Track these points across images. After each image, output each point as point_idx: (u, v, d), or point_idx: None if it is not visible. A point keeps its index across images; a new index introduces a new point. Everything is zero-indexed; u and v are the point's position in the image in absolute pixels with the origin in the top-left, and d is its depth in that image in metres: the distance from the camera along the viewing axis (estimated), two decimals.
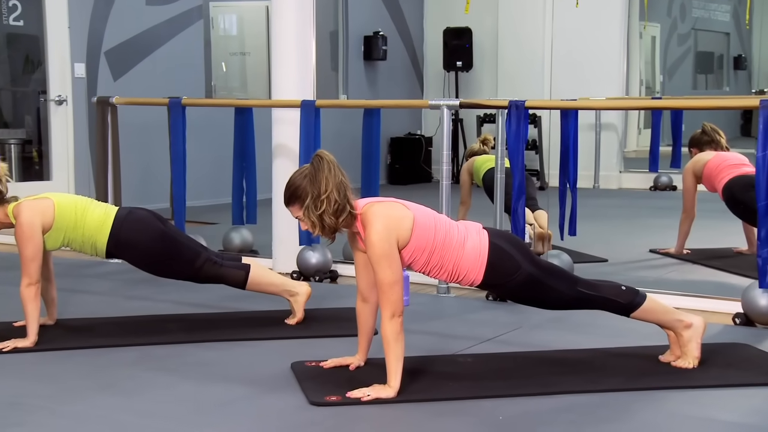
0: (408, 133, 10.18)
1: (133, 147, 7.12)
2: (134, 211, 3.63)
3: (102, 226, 3.54)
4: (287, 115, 5.04)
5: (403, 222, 2.86)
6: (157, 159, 7.18)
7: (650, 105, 6.87)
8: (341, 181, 2.86)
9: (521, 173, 4.31)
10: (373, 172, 4.84)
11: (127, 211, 3.60)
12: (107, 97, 5.51)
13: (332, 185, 2.83)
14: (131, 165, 6.97)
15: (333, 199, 2.83)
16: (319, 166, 2.86)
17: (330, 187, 2.83)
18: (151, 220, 3.60)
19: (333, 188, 2.83)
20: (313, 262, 4.83)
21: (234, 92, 9.09)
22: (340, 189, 2.85)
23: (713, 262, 5.16)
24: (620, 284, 3.12)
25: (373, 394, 2.80)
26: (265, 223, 5.26)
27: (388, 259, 2.80)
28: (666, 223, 6.09)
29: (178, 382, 3.03)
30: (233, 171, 5.30)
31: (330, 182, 2.84)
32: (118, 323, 3.83)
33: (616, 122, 9.39)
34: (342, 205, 2.84)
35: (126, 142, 6.05)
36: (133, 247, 3.56)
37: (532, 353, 3.38)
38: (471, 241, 2.94)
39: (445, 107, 4.47)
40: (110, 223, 3.54)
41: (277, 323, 3.81)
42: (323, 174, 2.85)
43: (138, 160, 7.36)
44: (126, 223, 3.55)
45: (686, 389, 2.95)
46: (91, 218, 3.54)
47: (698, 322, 3.14)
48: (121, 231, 3.54)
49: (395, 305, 2.80)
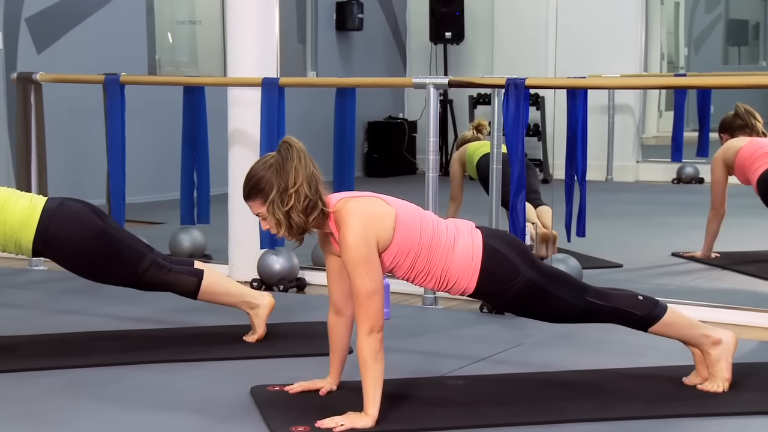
0: (388, 116, 10.18)
1: (62, 132, 7.08)
2: (66, 202, 3.60)
3: (27, 220, 3.52)
4: (246, 96, 5.03)
5: (384, 220, 2.87)
6: (91, 147, 7.15)
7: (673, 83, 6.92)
8: (312, 173, 2.87)
9: (521, 163, 4.33)
10: (348, 163, 4.84)
11: (58, 203, 3.57)
12: (30, 73, 5.48)
13: (302, 177, 2.84)
14: (59, 154, 6.94)
15: (303, 194, 2.83)
16: (287, 154, 2.87)
17: (300, 180, 2.84)
18: (87, 213, 3.58)
19: (303, 181, 2.84)
20: (276, 269, 4.83)
21: (182, 68, 9.06)
22: (311, 182, 2.85)
23: (746, 268, 5.20)
24: (637, 293, 3.14)
25: (347, 423, 2.80)
26: (220, 223, 5.25)
27: (367, 265, 2.80)
28: (691, 222, 6.13)
29: (115, 412, 3.02)
30: (182, 161, 5.29)
31: (300, 174, 2.84)
32: (43, 342, 3.81)
33: (633, 103, 9.44)
34: (313, 202, 2.85)
35: (53, 127, 6.02)
36: (64, 246, 3.55)
37: (534, 375, 3.40)
38: (462, 242, 2.95)
39: (432, 86, 4.47)
40: (37, 217, 3.52)
41: (234, 341, 3.80)
42: (292, 164, 2.85)
43: (68, 148, 7.33)
44: (56, 216, 3.53)
45: (714, 417, 2.97)
46: (13, 211, 3.52)
47: (728, 337, 3.16)
48: (50, 226, 3.51)
49: (374, 319, 2.81)
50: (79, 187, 7.03)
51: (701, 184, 8.84)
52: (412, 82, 4.59)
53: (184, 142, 5.27)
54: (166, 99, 6.78)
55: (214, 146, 5.33)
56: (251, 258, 4.97)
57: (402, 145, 9.96)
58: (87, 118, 7.20)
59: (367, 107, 9.48)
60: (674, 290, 4.73)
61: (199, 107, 5.23)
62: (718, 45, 13.08)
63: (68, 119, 7.21)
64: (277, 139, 4.76)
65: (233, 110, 5.12)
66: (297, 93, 7.21)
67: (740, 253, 5.54)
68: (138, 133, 7.31)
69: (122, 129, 5.19)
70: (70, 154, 7.38)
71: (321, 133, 6.04)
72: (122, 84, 5.17)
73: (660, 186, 9.10)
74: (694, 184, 8.96)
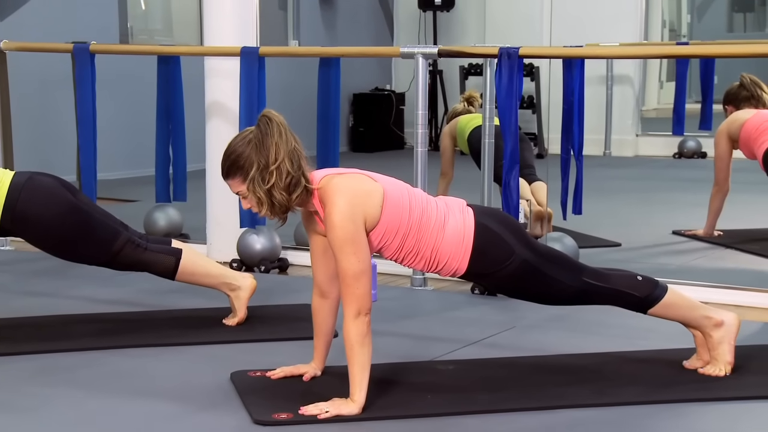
0: (375, 88, 10.18)
1: (29, 105, 7.06)
2: (35, 177, 3.59)
3: None
4: (224, 66, 5.03)
5: (371, 197, 2.88)
6: (60, 120, 7.14)
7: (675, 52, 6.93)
8: (294, 148, 2.87)
9: (514, 137, 4.34)
10: (332, 137, 4.85)
11: (27, 177, 3.57)
12: None
13: (284, 153, 2.85)
14: (26, 128, 6.92)
15: (285, 171, 2.84)
16: (266, 129, 2.87)
17: (281, 156, 2.84)
18: (58, 188, 3.58)
19: (285, 157, 2.85)
20: (257, 249, 4.84)
21: (156, 36, 9.03)
22: (293, 158, 2.86)
23: (750, 246, 5.23)
24: (635, 273, 3.16)
25: (332, 410, 2.82)
26: (198, 201, 5.25)
27: (354, 244, 2.82)
28: (693, 199, 6.16)
29: (87, 399, 3.03)
30: (157, 136, 5.28)
31: (281, 149, 2.85)
32: (11, 326, 3.81)
33: (632, 74, 9.45)
34: (296, 179, 2.86)
35: (19, 99, 6.00)
36: (34, 223, 3.54)
37: (528, 359, 3.42)
38: (453, 221, 2.96)
39: (421, 56, 4.48)
40: (4, 192, 3.51)
41: (213, 324, 3.81)
42: (272, 139, 2.86)
43: (35, 122, 7.31)
44: (25, 191, 3.53)
45: (716, 402, 3.00)
46: None
47: (731, 319, 3.19)
48: (18, 201, 3.51)
49: (361, 301, 2.82)
50: (48, 163, 7.00)
51: (704, 158, 8.87)
52: (399, 51, 4.59)
53: (158, 115, 5.26)
54: (139, 70, 6.76)
55: (191, 120, 5.33)
56: (231, 237, 4.97)
57: (389, 119, 9.96)
58: (55, 90, 7.18)
59: (352, 78, 9.47)
60: (675, 270, 4.76)
61: (174, 78, 5.21)
62: (722, 11, 13.08)
63: (35, 91, 7.19)
64: (257, 112, 4.75)
65: (210, 81, 5.11)
66: (278, 63, 7.20)
67: (744, 231, 5.57)
68: (110, 105, 7.29)
69: (93, 101, 5.17)
70: (38, 128, 7.35)
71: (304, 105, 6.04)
72: (92, 53, 5.15)
73: (660, 161, 9.13)
74: (697, 159, 8.99)
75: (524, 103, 9.22)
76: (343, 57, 4.88)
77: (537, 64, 9.15)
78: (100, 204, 4.08)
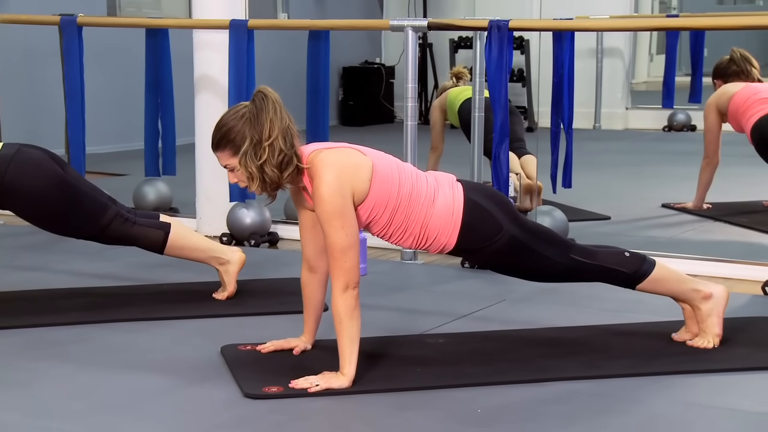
0: (364, 61, 10.14)
1: (16, 77, 7.02)
2: (24, 149, 3.59)
3: None
4: (212, 39, 5.01)
5: (360, 171, 2.87)
6: (48, 93, 7.10)
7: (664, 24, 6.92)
8: (288, 126, 2.87)
9: (504, 110, 4.33)
10: (321, 111, 4.84)
11: (15, 149, 3.56)
12: None
13: (278, 130, 2.84)
14: (13, 101, 6.88)
15: (278, 148, 2.84)
16: (262, 105, 2.87)
17: (275, 133, 2.84)
18: (46, 161, 3.58)
19: (279, 134, 2.84)
20: (247, 223, 4.84)
21: (144, 9, 8.98)
22: (286, 136, 2.86)
23: (739, 219, 5.25)
24: (623, 250, 3.17)
25: (322, 383, 2.83)
26: (187, 175, 5.24)
27: (342, 218, 2.82)
28: (682, 172, 6.17)
29: (77, 373, 3.03)
30: (145, 109, 5.27)
31: (275, 126, 2.85)
32: (1, 300, 3.81)
33: (622, 47, 9.44)
34: (288, 157, 2.85)
35: (5, 72, 5.97)
36: (23, 195, 3.54)
37: (518, 332, 3.43)
38: (443, 196, 2.96)
39: (410, 29, 4.46)
40: None
41: (202, 298, 3.81)
42: (267, 115, 2.85)
43: (22, 95, 7.27)
44: (13, 163, 3.52)
45: (704, 374, 3.02)
46: None
47: (720, 292, 3.20)
48: (7, 173, 3.51)
49: (349, 275, 2.82)
50: (36, 137, 6.95)
51: (693, 131, 8.88)
52: (389, 24, 4.58)
53: (147, 88, 5.25)
54: (127, 43, 6.72)
55: (180, 93, 5.31)
56: (220, 211, 4.97)
57: (379, 92, 9.94)
58: (42, 63, 7.14)
59: (341, 52, 9.45)
60: (664, 243, 4.77)
61: (162, 51, 5.20)
62: None
63: (22, 63, 7.15)
64: (246, 85, 4.75)
65: (199, 54, 5.09)
66: (267, 36, 7.17)
67: (732, 204, 5.59)
68: (98, 78, 7.25)
69: (81, 74, 5.16)
70: (25, 102, 7.31)
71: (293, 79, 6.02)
72: (80, 25, 5.12)
73: (650, 134, 9.14)
74: (686, 132, 9.00)
75: (514, 76, 9.20)
76: (332, 30, 4.87)
77: (527, 37, 9.12)
78: (88, 178, 4.08)
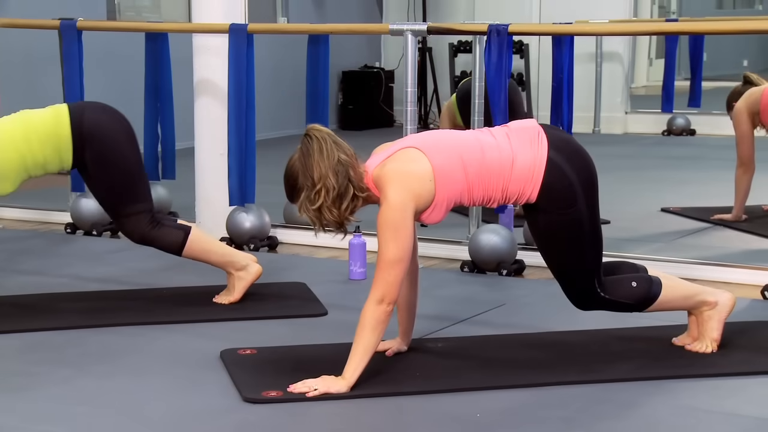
0: (364, 65, 10.15)
1: (15, 82, 7.01)
2: (88, 101, 3.79)
3: (58, 122, 3.64)
4: (212, 43, 5.01)
5: (423, 183, 2.88)
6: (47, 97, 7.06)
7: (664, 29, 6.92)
8: (338, 160, 2.87)
9: (503, 115, 4.34)
10: (321, 115, 4.83)
11: (81, 102, 3.79)
12: None
13: (325, 170, 2.85)
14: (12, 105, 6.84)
15: (330, 187, 2.86)
16: (307, 149, 2.88)
17: (323, 173, 2.85)
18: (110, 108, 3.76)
19: (328, 174, 2.85)
20: (246, 227, 4.83)
21: (144, 13, 8.98)
22: (338, 172, 2.86)
23: (738, 224, 5.24)
24: (631, 278, 3.14)
25: (321, 387, 2.83)
26: (187, 179, 5.24)
27: (395, 231, 2.83)
28: (682, 177, 6.17)
29: (76, 377, 3.03)
30: (145, 113, 5.27)
31: (322, 167, 2.86)
32: (1, 304, 3.80)
33: (622, 51, 9.44)
34: (342, 190, 2.87)
35: (5, 76, 5.97)
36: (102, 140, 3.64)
37: (518, 336, 3.43)
38: (521, 159, 2.94)
39: (410, 33, 4.46)
40: (66, 115, 3.64)
41: (202, 302, 3.81)
42: (313, 159, 2.86)
43: (21, 99, 7.22)
44: (88, 110, 3.69)
45: (705, 378, 3.02)
46: (40, 120, 3.67)
47: (725, 299, 3.20)
48: (84, 120, 3.64)
49: (389, 288, 2.83)
50: None
51: (692, 136, 8.87)
52: (388, 28, 4.58)
53: (147, 92, 5.24)
54: (127, 47, 6.72)
55: (179, 97, 5.31)
56: (220, 215, 4.97)
57: (378, 96, 9.94)
58: (42, 67, 7.13)
59: (341, 56, 9.44)
60: (664, 247, 4.77)
61: (162, 55, 5.19)
62: None
63: (22, 68, 7.14)
64: (246, 90, 4.75)
65: (199, 59, 5.09)
66: (267, 40, 7.17)
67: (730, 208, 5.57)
68: (97, 83, 7.23)
69: (80, 79, 5.16)
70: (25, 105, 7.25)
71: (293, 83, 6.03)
72: (79, 30, 5.13)
73: (650, 138, 9.13)
74: (685, 136, 8.99)
75: (513, 80, 9.20)
76: (332, 34, 4.87)
77: (526, 41, 9.13)
78: None
